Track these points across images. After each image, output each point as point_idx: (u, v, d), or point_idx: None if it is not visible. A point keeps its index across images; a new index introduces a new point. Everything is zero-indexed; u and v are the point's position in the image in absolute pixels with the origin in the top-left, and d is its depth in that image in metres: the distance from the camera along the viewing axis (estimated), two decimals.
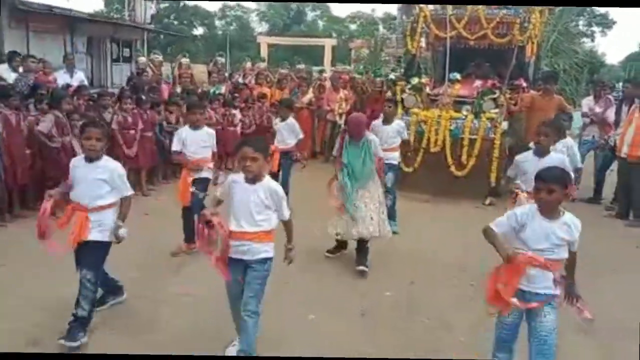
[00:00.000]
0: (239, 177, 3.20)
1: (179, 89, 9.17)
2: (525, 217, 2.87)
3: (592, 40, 35.88)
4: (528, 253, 2.81)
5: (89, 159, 3.49)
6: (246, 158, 3.09)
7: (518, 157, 4.62)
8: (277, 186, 3.26)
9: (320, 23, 48.29)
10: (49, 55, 10.33)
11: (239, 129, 8.92)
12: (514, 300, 2.84)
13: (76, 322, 3.42)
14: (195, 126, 5.09)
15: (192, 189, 4.98)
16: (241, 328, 3.22)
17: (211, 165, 5.17)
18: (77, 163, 3.56)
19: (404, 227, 6.12)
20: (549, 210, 2.83)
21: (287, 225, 3.34)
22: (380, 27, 34.49)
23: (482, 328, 3.92)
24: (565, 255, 2.90)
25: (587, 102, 8.31)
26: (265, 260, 3.22)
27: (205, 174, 5.10)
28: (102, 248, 3.53)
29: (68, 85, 7.70)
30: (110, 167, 3.52)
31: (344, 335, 3.79)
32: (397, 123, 6.29)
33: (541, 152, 4.33)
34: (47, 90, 6.61)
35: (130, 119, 7.11)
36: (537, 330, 2.87)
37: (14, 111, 5.83)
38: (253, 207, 3.14)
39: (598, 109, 7.82)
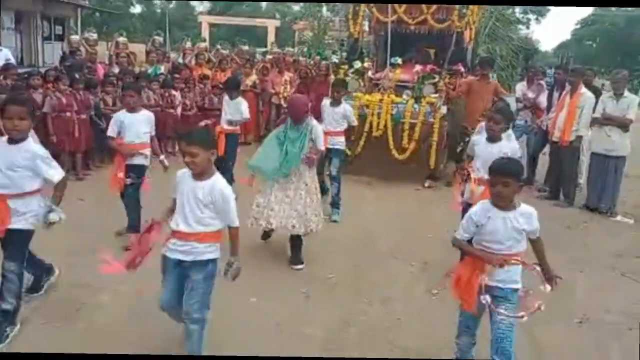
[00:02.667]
0: (188, 171, 2.93)
1: (115, 69, 8.82)
2: (481, 216, 2.88)
3: (528, 28, 37.11)
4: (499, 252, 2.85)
5: (13, 141, 3.16)
6: (184, 153, 2.85)
7: (473, 138, 4.67)
8: (224, 188, 2.90)
9: (264, 3, 47.61)
10: None
11: (179, 110, 8.71)
12: (487, 297, 2.84)
13: (1, 317, 3.24)
14: (132, 109, 4.84)
15: (127, 180, 4.75)
16: (186, 335, 3.01)
17: (148, 151, 4.89)
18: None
19: (347, 210, 6.19)
20: (505, 203, 2.85)
21: (231, 233, 2.99)
22: (324, 9, 34.30)
23: (420, 306, 4.08)
24: (525, 247, 2.93)
25: (521, 88, 8.61)
26: (208, 262, 2.94)
27: (140, 160, 4.82)
28: (22, 237, 3.29)
29: None
30: (32, 150, 3.20)
31: (287, 316, 3.82)
32: (345, 107, 6.29)
33: (492, 138, 4.31)
34: None
35: (64, 101, 6.80)
36: (498, 325, 2.87)
37: None
38: (196, 205, 2.88)
39: (531, 95, 8.13)
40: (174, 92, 8.64)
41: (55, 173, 3.29)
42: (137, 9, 44.63)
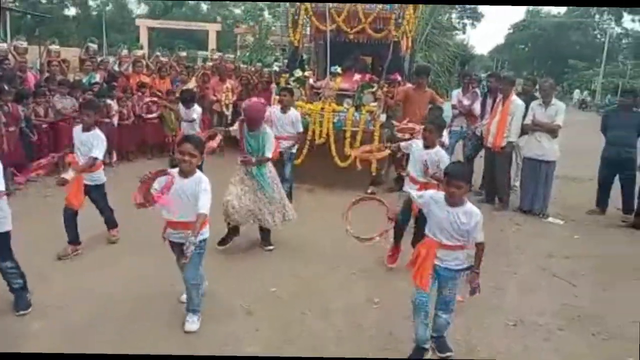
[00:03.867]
0: (175, 171, 3.58)
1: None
2: (432, 201, 3.45)
3: (464, 33, 38.47)
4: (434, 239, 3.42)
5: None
6: (184, 153, 3.51)
7: (411, 142, 5.19)
8: (204, 182, 3.57)
9: (204, 6, 47.01)
10: None
11: (115, 120, 8.48)
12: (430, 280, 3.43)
13: (17, 291, 3.88)
14: (87, 129, 4.85)
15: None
16: (187, 294, 3.86)
17: (101, 168, 5.10)
18: None
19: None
20: (455, 202, 3.36)
21: (200, 218, 3.46)
22: (266, 13, 34.27)
23: (361, 315, 4.14)
24: (469, 241, 3.42)
25: (457, 95, 8.90)
26: (200, 243, 3.58)
27: (99, 179, 5.06)
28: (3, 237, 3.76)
29: None
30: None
31: (230, 335, 3.80)
32: (293, 112, 6.58)
33: (427, 145, 4.86)
34: None
35: None
36: (443, 297, 3.54)
37: None
38: (186, 199, 3.53)
39: (466, 102, 8.41)
40: (109, 101, 8.40)
41: None
42: (71, 11, 43.15)
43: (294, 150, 6.59)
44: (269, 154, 5.05)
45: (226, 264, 5.01)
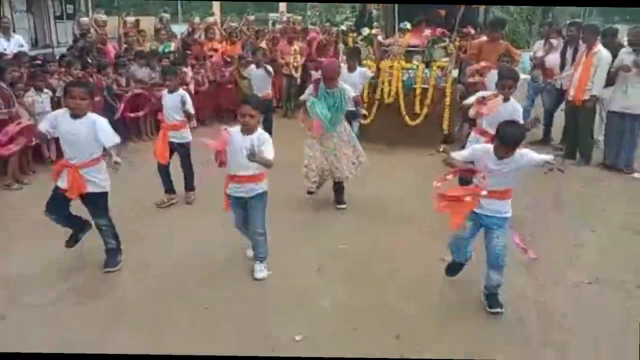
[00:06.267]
0: (236, 129, 3.77)
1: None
2: (481, 156, 3.43)
3: None
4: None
5: (74, 116, 3.76)
6: (245, 115, 3.68)
7: (484, 94, 4.96)
8: (266, 138, 3.76)
9: None
10: None
11: (191, 87, 8.76)
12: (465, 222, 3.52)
13: (111, 252, 4.14)
14: (170, 90, 5.39)
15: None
16: (253, 245, 4.11)
17: (187, 128, 5.50)
18: (62, 119, 3.81)
19: (359, 179, 6.23)
20: (504, 157, 3.36)
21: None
22: None
23: (429, 273, 4.15)
24: (512, 185, 3.47)
25: (539, 46, 8.48)
26: (262, 195, 3.90)
27: (183, 137, 5.44)
28: (100, 197, 3.97)
29: (1, 55, 7.34)
30: (92, 119, 3.80)
31: (302, 290, 3.93)
32: (360, 70, 6.59)
33: (505, 99, 4.69)
34: None
35: None
36: (492, 249, 3.51)
37: None
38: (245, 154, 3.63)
39: (540, 54, 7.98)
40: (185, 69, 8.67)
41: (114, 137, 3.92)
42: None
43: (360, 110, 6.49)
44: (352, 93, 5.22)
45: (298, 221, 5.15)
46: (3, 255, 4.36)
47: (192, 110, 5.45)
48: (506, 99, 4.69)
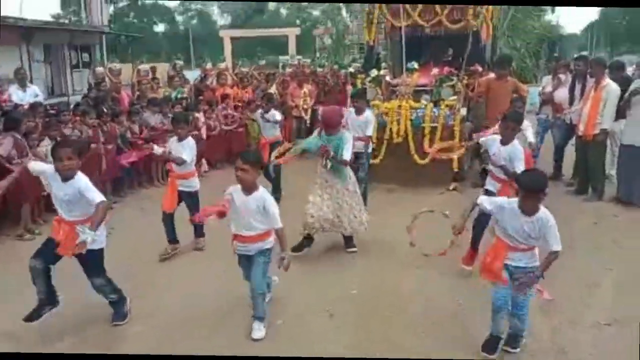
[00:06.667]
0: (237, 188, 3.68)
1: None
2: (505, 213, 3.38)
3: (553, 12, 36.33)
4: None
5: (64, 178, 3.62)
6: (237, 169, 3.59)
7: (488, 138, 4.96)
8: (267, 198, 3.67)
9: (284, 11, 48.00)
10: (5, 67, 10.16)
11: (203, 132, 8.91)
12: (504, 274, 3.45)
13: (115, 303, 4.05)
14: (180, 139, 5.38)
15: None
16: (252, 304, 3.92)
17: (195, 177, 5.49)
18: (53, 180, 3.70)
19: (370, 219, 6.22)
20: (530, 212, 3.27)
21: (278, 233, 3.74)
22: (343, 12, 34.43)
23: (443, 318, 4.09)
24: (538, 243, 3.40)
25: (547, 81, 8.53)
26: (266, 251, 3.81)
27: (191, 185, 5.40)
28: (95, 254, 3.79)
29: (17, 105, 7.56)
30: (77, 185, 3.64)
31: (314, 337, 3.89)
32: (367, 114, 6.43)
33: (505, 141, 4.65)
34: (2, 111, 6.52)
35: (91, 133, 7.07)
36: (516, 297, 3.45)
37: None
38: (248, 214, 3.65)
39: (548, 89, 8.02)
40: (197, 114, 8.84)
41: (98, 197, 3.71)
42: (160, 27, 45.66)
43: (369, 151, 6.49)
44: (347, 156, 5.04)
45: (306, 267, 5.07)
46: (12, 306, 4.32)
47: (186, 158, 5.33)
48: (507, 142, 4.62)
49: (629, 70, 10.24)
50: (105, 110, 7.58)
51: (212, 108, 9.31)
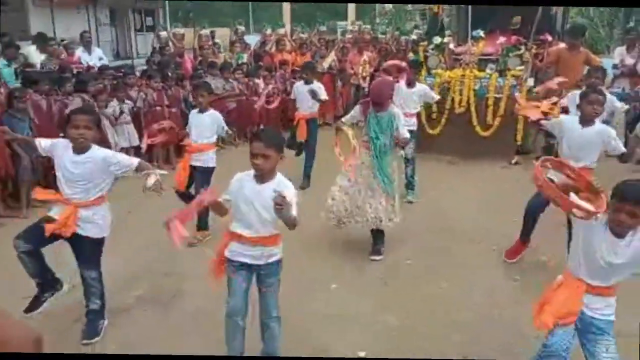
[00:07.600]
0: (248, 174, 2.83)
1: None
2: (593, 233, 2.51)
3: None
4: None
5: (78, 150, 3.22)
6: (256, 155, 2.72)
7: (564, 117, 4.27)
8: (285, 182, 2.81)
9: None
10: (73, 31, 10.50)
11: (263, 98, 8.94)
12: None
13: (93, 315, 3.42)
14: (200, 109, 4.88)
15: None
16: (266, 335, 2.98)
17: (213, 152, 4.93)
18: (63, 152, 3.26)
19: (428, 190, 6.16)
20: (622, 233, 2.43)
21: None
22: None
23: (499, 292, 4.02)
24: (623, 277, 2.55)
25: (620, 53, 8.05)
26: (278, 263, 2.92)
27: (207, 161, 4.85)
28: (96, 243, 3.36)
29: (89, 67, 7.82)
30: (100, 155, 3.25)
31: (367, 303, 3.90)
32: (420, 87, 6.14)
33: (587, 122, 3.94)
34: (72, 73, 6.77)
35: (155, 97, 7.25)
36: None
37: (44, 96, 6.01)
38: (260, 208, 2.76)
39: (629, 60, 7.57)
40: (257, 80, 8.89)
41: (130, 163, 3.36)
42: None
43: (415, 128, 5.97)
44: (406, 133, 4.47)
45: (362, 237, 4.96)
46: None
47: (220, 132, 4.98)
48: (589, 123, 3.94)
49: None
50: (169, 74, 7.73)
51: (271, 74, 9.32)
